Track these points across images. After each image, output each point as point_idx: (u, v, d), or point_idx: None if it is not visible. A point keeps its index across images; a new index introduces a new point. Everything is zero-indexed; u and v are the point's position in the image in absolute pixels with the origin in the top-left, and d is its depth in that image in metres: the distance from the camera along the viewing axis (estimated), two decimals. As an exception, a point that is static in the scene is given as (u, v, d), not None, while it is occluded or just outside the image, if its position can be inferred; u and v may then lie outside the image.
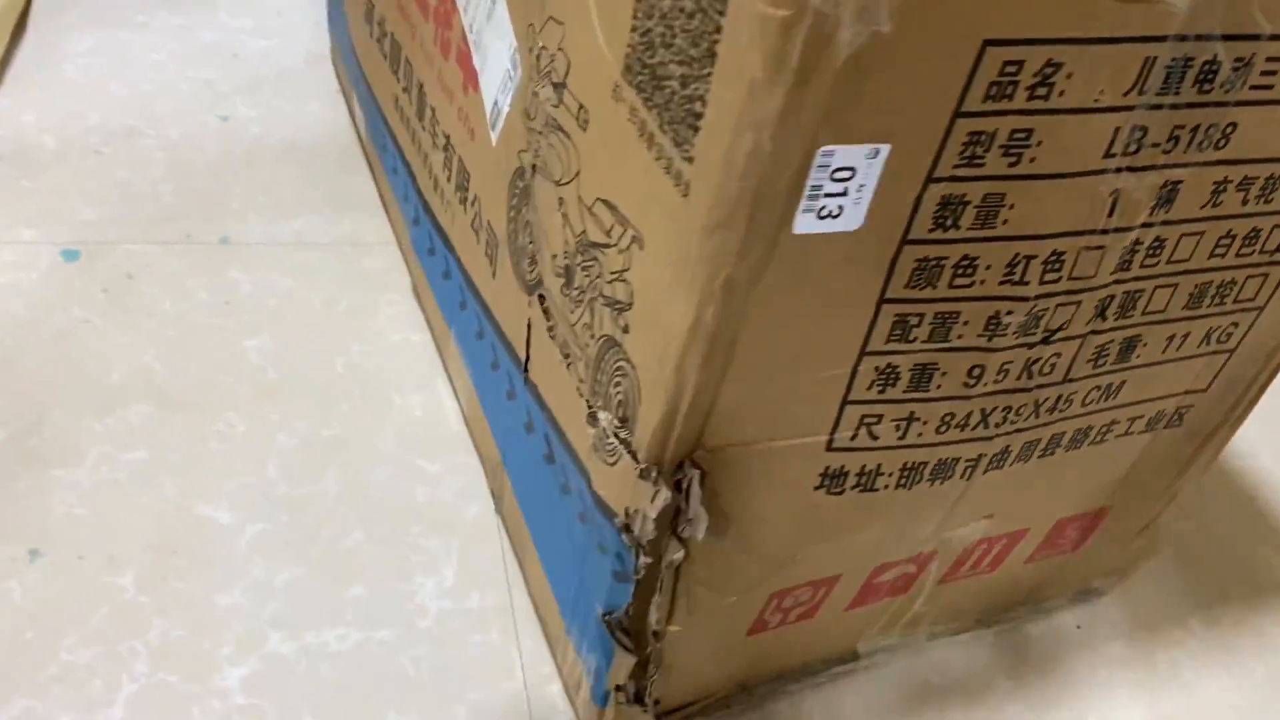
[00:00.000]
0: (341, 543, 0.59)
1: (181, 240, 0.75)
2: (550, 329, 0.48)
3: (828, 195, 0.34)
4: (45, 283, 0.70)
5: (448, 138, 0.60)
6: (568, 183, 0.44)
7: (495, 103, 0.52)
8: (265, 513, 0.60)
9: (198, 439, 0.63)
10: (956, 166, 0.35)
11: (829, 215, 0.35)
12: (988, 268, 0.38)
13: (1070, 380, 0.44)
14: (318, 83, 0.91)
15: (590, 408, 0.45)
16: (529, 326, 0.52)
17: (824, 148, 0.33)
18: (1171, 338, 0.45)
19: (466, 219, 0.59)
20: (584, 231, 0.43)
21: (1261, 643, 0.65)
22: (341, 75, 0.89)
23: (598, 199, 0.41)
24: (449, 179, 0.61)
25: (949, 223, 0.36)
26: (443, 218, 0.63)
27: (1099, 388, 0.45)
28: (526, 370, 0.53)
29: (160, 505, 0.59)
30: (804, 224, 0.34)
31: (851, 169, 0.33)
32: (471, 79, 0.55)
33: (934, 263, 0.37)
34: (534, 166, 0.47)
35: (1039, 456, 0.47)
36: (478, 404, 0.62)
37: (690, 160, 0.35)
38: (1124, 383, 0.46)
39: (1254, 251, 0.43)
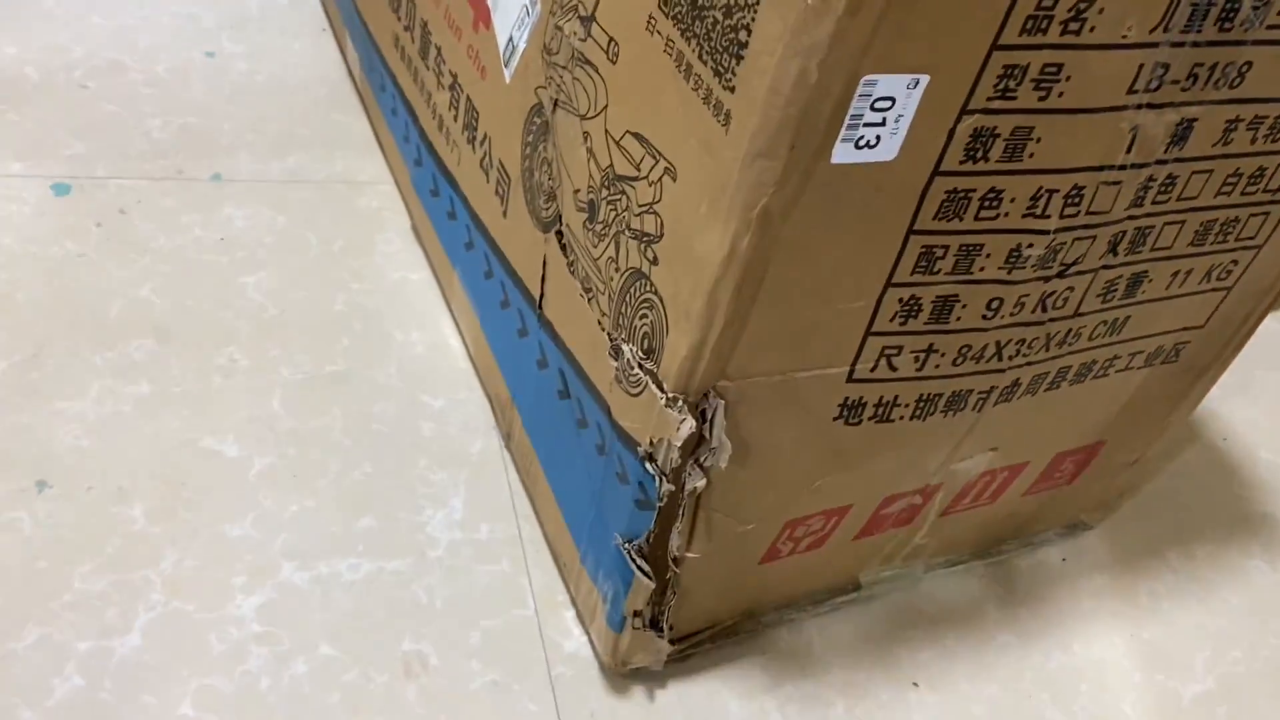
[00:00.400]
0: (349, 476, 0.60)
1: (173, 176, 0.74)
2: (570, 264, 0.49)
3: (867, 125, 0.35)
4: (37, 216, 0.69)
5: (454, 76, 0.60)
6: (594, 116, 0.44)
7: (510, 39, 0.52)
8: (272, 446, 0.60)
9: (200, 374, 0.63)
10: (990, 99, 0.35)
11: (866, 145, 0.35)
12: (1012, 200, 0.39)
13: (1080, 315, 0.45)
14: (303, 20, 0.90)
15: (612, 340, 0.46)
16: (544, 263, 0.52)
17: (867, 77, 0.33)
18: (1176, 274, 0.47)
19: (474, 158, 0.59)
20: (610, 165, 0.44)
21: (1234, 575, 0.68)
22: (332, 14, 0.88)
23: (627, 132, 0.42)
24: (455, 118, 0.61)
25: (979, 155, 0.37)
26: (448, 158, 0.63)
27: (1105, 322, 0.47)
28: (540, 307, 0.53)
29: (166, 438, 0.59)
30: (842, 154, 0.35)
31: (891, 99, 0.34)
32: (483, 16, 0.55)
33: (962, 195, 0.38)
34: (555, 102, 0.48)
35: (1045, 390, 0.49)
36: (485, 343, 0.63)
37: (732, 90, 0.35)
38: (1129, 318, 0.48)
39: (1258, 190, 0.45)
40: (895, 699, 0.56)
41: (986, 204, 0.39)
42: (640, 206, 0.42)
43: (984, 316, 0.43)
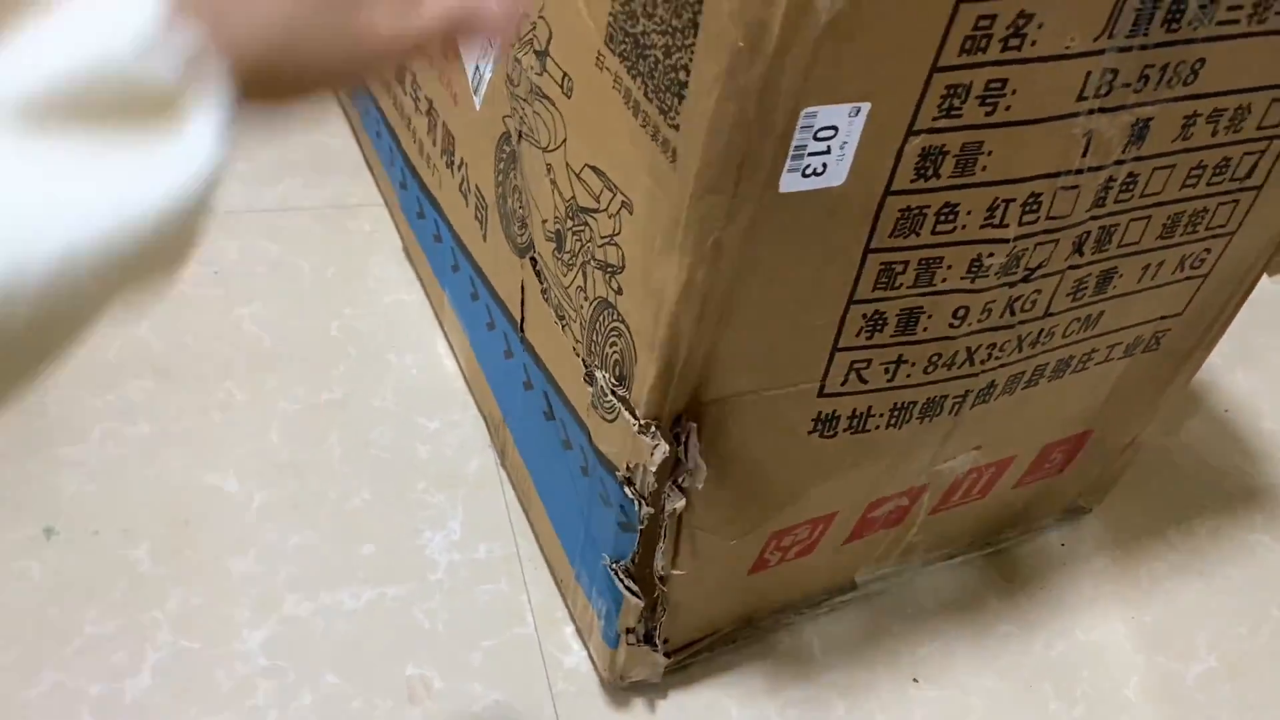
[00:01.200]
0: (349, 503, 0.61)
1: (165, 211, 0.75)
2: (544, 291, 0.49)
3: (812, 154, 0.35)
4: (34, 262, 0.70)
5: (430, 102, 0.60)
6: (555, 149, 0.44)
7: (476, 68, 0.53)
8: (271, 479, 0.61)
9: (199, 410, 0.64)
10: (935, 119, 0.36)
11: (813, 173, 0.36)
12: (968, 213, 0.39)
13: (1050, 314, 0.46)
14: (288, 43, 0.90)
15: (586, 367, 0.46)
16: (522, 288, 0.53)
17: (807, 110, 0.34)
18: (1147, 267, 0.47)
19: (454, 183, 0.60)
20: (573, 197, 0.44)
21: (1236, 550, 0.68)
22: (312, 35, 0.88)
23: (586, 165, 0.42)
24: (434, 143, 0.61)
25: (930, 172, 0.37)
26: (430, 181, 0.64)
27: (1079, 319, 0.47)
28: (522, 330, 0.54)
29: (168, 477, 0.60)
30: (789, 183, 0.36)
31: (834, 128, 0.34)
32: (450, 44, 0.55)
33: (916, 211, 0.38)
34: (520, 133, 0.48)
35: (1023, 388, 0.49)
36: (476, 363, 0.63)
37: (676, 128, 0.36)
38: (1102, 313, 0.48)
39: (1224, 179, 0.44)
40: (895, 696, 0.57)
41: (942, 218, 0.39)
42: (602, 238, 0.42)
43: (951, 325, 0.43)
